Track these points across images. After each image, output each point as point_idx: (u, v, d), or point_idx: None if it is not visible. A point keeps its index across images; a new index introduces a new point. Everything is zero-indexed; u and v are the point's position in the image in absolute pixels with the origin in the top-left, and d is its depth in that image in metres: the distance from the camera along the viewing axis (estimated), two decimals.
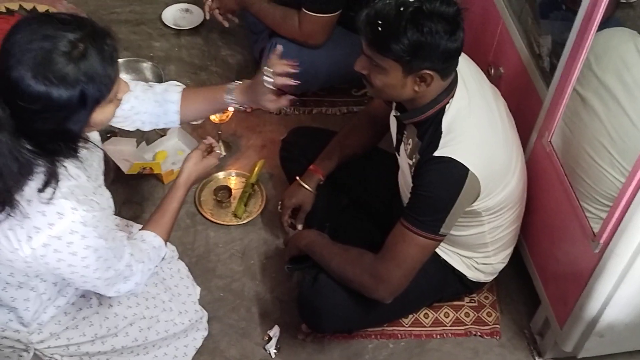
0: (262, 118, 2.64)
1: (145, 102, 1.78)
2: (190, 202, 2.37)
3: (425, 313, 2.13)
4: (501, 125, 1.78)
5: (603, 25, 1.71)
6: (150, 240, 1.66)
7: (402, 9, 1.56)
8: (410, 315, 2.12)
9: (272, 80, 1.76)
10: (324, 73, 2.51)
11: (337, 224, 2.14)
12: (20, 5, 3.04)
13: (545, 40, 1.95)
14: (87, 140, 1.44)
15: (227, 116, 2.44)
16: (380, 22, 1.58)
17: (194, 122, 2.57)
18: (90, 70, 1.30)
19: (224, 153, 1.84)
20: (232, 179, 2.46)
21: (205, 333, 1.94)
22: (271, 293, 2.18)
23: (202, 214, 2.36)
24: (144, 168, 2.37)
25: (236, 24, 2.69)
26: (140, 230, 1.71)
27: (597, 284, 1.71)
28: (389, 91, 1.69)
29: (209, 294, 2.15)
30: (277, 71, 1.75)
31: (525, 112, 1.97)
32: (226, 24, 2.61)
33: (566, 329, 1.88)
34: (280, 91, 1.81)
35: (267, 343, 2.06)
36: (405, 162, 1.86)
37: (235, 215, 2.36)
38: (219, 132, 2.49)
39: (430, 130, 1.72)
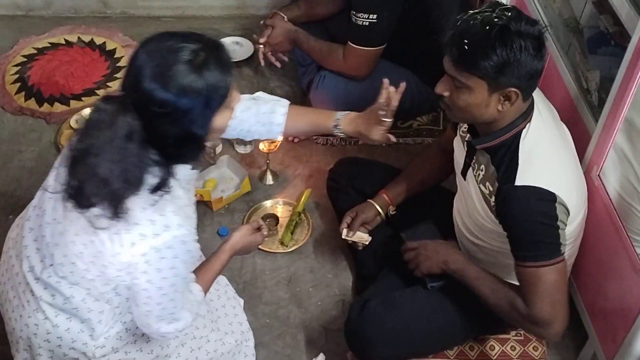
0: (309, 148, 2.69)
1: (243, 122, 1.89)
2: None
3: (471, 345, 2.12)
4: (574, 153, 1.79)
5: None
6: (196, 294, 1.69)
7: (488, 27, 1.59)
8: (455, 347, 2.11)
9: (390, 119, 1.88)
10: None
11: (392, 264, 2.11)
12: (79, 37, 3.15)
13: (593, 75, 1.96)
14: (206, 148, 1.53)
15: (276, 146, 2.49)
16: (466, 40, 1.60)
17: (243, 151, 2.65)
18: (210, 76, 1.41)
19: (267, 234, 1.98)
20: (279, 208, 2.51)
21: (253, 359, 1.97)
22: (317, 321, 2.20)
23: None
24: (195, 195, 2.41)
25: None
26: None
27: None
28: (473, 111, 1.69)
29: (256, 320, 2.18)
30: (392, 105, 1.85)
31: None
32: (279, 65, 2.72)
33: None
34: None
35: None
36: (473, 187, 1.83)
37: (282, 243, 2.40)
38: (267, 162, 2.55)
39: (506, 157, 1.71)
